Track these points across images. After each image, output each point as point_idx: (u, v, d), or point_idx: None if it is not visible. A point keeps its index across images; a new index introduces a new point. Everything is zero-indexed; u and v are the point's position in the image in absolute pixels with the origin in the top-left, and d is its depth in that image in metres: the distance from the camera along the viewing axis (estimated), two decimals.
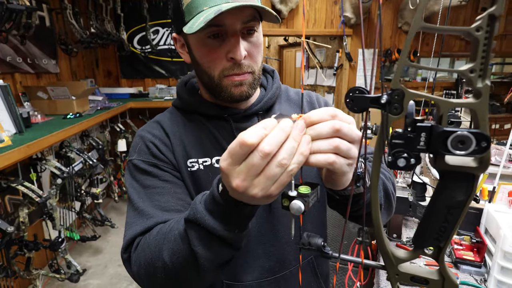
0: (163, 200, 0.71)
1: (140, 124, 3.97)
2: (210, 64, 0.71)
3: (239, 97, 0.73)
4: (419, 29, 0.37)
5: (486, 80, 0.36)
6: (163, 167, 0.75)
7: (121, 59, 3.97)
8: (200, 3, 0.65)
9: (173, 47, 3.88)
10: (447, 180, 0.41)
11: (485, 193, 1.43)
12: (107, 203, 3.95)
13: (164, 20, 3.88)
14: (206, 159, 0.77)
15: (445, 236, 0.43)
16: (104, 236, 3.27)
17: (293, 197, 0.47)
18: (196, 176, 0.76)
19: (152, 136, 0.78)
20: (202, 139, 0.78)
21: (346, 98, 0.43)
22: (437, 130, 0.37)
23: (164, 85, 4.02)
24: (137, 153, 0.77)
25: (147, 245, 0.64)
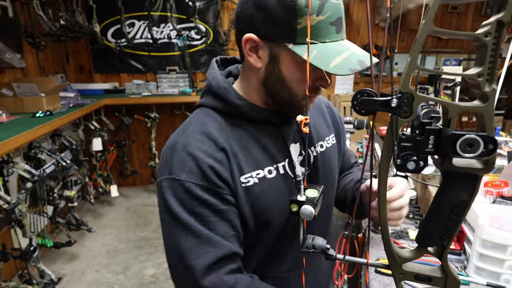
0: (219, 228, 0.71)
1: (117, 121, 3.83)
2: (298, 85, 0.71)
3: (305, 112, 0.73)
4: (430, 32, 0.37)
5: (493, 85, 0.36)
6: (220, 193, 0.72)
7: (94, 53, 3.79)
8: (323, 33, 0.64)
9: (150, 41, 3.75)
10: (452, 180, 0.42)
11: None
12: (82, 205, 3.80)
13: (140, 13, 3.74)
14: (258, 172, 0.76)
15: (448, 234, 0.44)
16: (80, 241, 3.13)
17: (302, 202, 0.47)
18: (251, 191, 0.74)
19: (209, 158, 0.71)
20: (252, 149, 0.76)
21: (354, 101, 0.43)
22: (446, 133, 0.38)
23: (141, 81, 3.89)
24: (187, 173, 0.70)
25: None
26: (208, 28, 3.85)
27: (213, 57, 0.93)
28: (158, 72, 3.92)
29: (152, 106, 3.80)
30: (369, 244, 0.50)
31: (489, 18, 0.37)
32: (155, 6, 3.75)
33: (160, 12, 3.78)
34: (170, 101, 3.70)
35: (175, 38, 3.85)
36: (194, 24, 3.75)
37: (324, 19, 0.63)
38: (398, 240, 1.44)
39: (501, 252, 1.06)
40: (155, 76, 3.95)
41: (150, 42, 3.75)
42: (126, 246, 3.05)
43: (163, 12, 3.76)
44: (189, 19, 3.80)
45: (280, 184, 0.77)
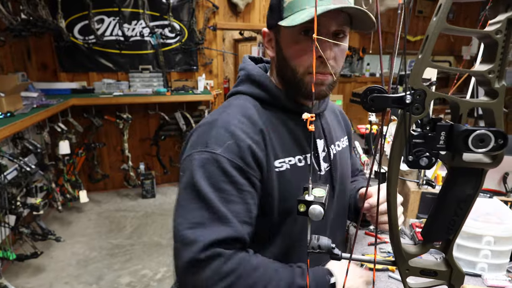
0: (237, 209, 0.70)
1: (85, 123, 3.65)
2: (297, 61, 0.74)
3: (317, 95, 0.77)
4: (442, 30, 0.37)
5: (503, 81, 0.37)
6: (248, 174, 0.73)
7: (59, 50, 3.56)
8: (304, 2, 0.70)
9: (121, 39, 3.59)
10: (458, 175, 0.43)
11: (439, 179, 1.56)
12: (48, 213, 3.58)
13: (110, 9, 3.57)
14: (290, 158, 0.79)
15: (454, 228, 0.45)
16: (46, 252, 2.94)
17: (310, 202, 0.46)
18: (283, 176, 0.78)
19: (249, 139, 0.74)
20: (284, 136, 0.81)
21: (364, 98, 0.42)
22: (458, 129, 0.38)
23: (112, 80, 3.72)
24: (224, 148, 0.71)
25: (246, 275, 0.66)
26: (182, 27, 3.76)
27: (187, 56, 0.97)
28: (130, 71, 3.77)
29: (124, 107, 3.66)
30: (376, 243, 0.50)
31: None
32: (126, 2, 3.60)
33: (131, 9, 3.63)
34: (144, 101, 3.58)
35: (148, 36, 3.72)
36: (168, 22, 3.65)
37: None
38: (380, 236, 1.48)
39: (477, 242, 1.11)
40: (127, 75, 3.79)
41: (121, 40, 3.60)
42: (98, 254, 2.91)
43: (135, 9, 3.62)
44: (163, 17, 3.69)
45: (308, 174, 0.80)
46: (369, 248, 1.37)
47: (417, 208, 1.53)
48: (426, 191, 1.49)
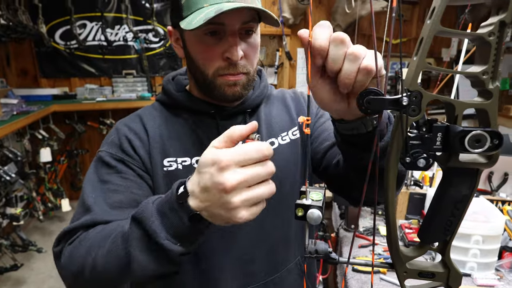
0: (117, 198, 0.68)
1: (67, 129, 3.57)
2: (205, 62, 0.70)
3: (231, 97, 0.73)
4: (437, 33, 0.38)
5: (496, 82, 0.38)
6: (130, 164, 0.72)
7: (39, 56, 3.49)
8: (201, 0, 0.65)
9: (104, 43, 3.55)
10: (453, 176, 0.43)
11: (426, 180, 1.59)
12: (29, 223, 3.46)
13: (93, 13, 3.52)
14: (185, 159, 0.75)
15: (451, 229, 0.45)
16: (27, 264, 2.83)
17: (308, 206, 0.45)
18: (173, 176, 0.73)
19: (128, 130, 0.76)
20: (184, 137, 0.77)
21: (360, 101, 0.42)
22: (454, 130, 0.38)
23: (95, 85, 3.65)
24: (108, 145, 0.75)
25: (86, 239, 0.61)
26: (166, 31, 3.73)
27: (172, 60, 0.94)
28: (114, 76, 3.71)
29: (107, 112, 3.58)
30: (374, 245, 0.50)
31: None
32: (108, 6, 3.55)
33: (114, 14, 3.59)
34: (128, 106, 3.50)
35: (131, 40, 3.68)
36: (152, 27, 3.62)
37: None
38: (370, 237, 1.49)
39: (466, 241, 1.13)
40: (110, 81, 3.73)
41: (104, 45, 3.55)
42: None
43: (118, 14, 3.58)
44: (147, 21, 3.66)
45: None
46: (359, 250, 1.38)
47: (406, 209, 1.56)
48: (414, 192, 1.52)
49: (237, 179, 0.44)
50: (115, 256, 0.55)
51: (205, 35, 0.68)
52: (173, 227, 0.51)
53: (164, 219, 0.51)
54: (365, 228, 1.51)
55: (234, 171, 0.45)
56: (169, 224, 0.51)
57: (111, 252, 0.56)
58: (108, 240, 0.57)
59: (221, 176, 0.44)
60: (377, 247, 1.37)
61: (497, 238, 1.12)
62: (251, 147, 0.46)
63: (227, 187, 0.44)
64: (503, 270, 1.15)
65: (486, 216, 1.18)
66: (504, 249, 1.19)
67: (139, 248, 0.53)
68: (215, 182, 0.45)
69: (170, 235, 0.51)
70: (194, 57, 0.72)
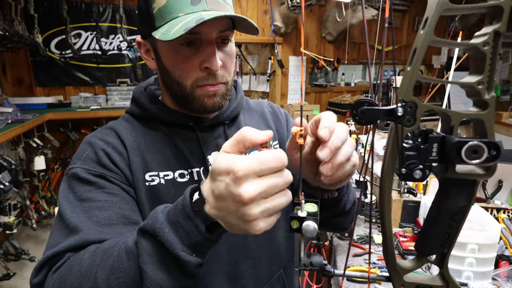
0: (104, 216, 0.61)
1: (62, 137, 3.55)
2: (182, 73, 0.67)
3: (211, 108, 0.70)
4: (430, 43, 0.37)
5: (492, 92, 0.37)
6: (112, 179, 0.66)
7: (35, 65, 3.49)
8: (175, 8, 0.62)
9: (99, 52, 3.57)
10: (450, 187, 0.43)
11: (420, 187, 1.59)
12: (22, 231, 3.41)
13: (87, 23, 3.54)
14: (168, 173, 0.71)
15: (449, 241, 0.45)
16: (19, 273, 2.77)
17: (303, 218, 0.44)
18: (156, 191, 0.69)
19: (104, 143, 0.70)
20: (164, 149, 0.72)
21: (354, 110, 0.42)
22: (451, 141, 0.38)
23: (89, 94, 3.66)
24: (82, 160, 0.67)
25: (78, 263, 0.53)
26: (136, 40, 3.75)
27: None
28: (108, 85, 3.73)
29: (101, 120, 3.58)
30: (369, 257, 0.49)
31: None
32: (103, 16, 3.59)
33: (109, 23, 3.63)
34: (122, 114, 3.49)
35: (125, 49, 3.70)
36: None
37: None
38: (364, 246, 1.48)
39: (461, 250, 1.12)
40: (104, 89, 3.74)
41: (99, 54, 3.57)
42: None
43: (113, 23, 3.62)
44: None
45: None
46: (354, 259, 1.36)
47: (400, 217, 1.55)
48: (408, 199, 1.51)
49: (256, 190, 0.41)
50: (123, 277, 0.49)
51: (180, 46, 0.65)
52: (189, 237, 0.47)
53: (178, 229, 0.47)
54: (359, 236, 1.49)
55: (252, 181, 0.41)
56: (184, 234, 0.47)
57: (117, 273, 0.50)
58: (110, 260, 0.51)
59: (238, 187, 0.41)
60: (371, 255, 1.35)
61: (493, 247, 1.11)
62: (270, 156, 0.42)
63: (244, 199, 0.41)
64: (500, 279, 1.14)
65: (481, 224, 1.17)
66: (501, 258, 1.18)
67: (151, 262, 0.48)
68: (231, 192, 0.42)
69: (186, 246, 0.47)
70: (170, 69, 0.68)
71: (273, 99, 4.54)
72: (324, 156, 0.49)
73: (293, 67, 4.47)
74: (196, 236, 0.47)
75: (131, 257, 0.49)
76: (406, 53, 5.13)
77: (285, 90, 4.52)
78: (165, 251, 0.48)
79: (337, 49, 4.70)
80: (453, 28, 4.39)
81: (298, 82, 4.52)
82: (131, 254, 0.50)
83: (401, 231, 1.46)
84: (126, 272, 0.49)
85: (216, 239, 0.50)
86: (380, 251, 1.39)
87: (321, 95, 4.81)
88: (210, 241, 0.49)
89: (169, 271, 0.49)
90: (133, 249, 0.50)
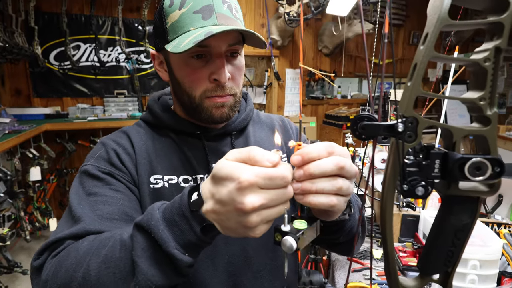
0: (107, 210, 0.64)
1: (58, 148, 3.53)
2: (192, 84, 0.70)
3: (219, 119, 0.73)
4: (431, 58, 0.37)
5: (494, 108, 0.37)
6: (119, 177, 0.70)
7: (33, 76, 3.49)
8: (187, 23, 0.66)
9: (97, 64, 3.58)
10: (453, 204, 0.42)
11: (419, 201, 1.57)
12: (15, 243, 3.34)
13: (86, 36, 3.57)
14: (172, 177, 0.74)
15: (453, 260, 0.43)
16: (11, 286, 2.71)
17: (285, 232, 0.43)
18: (159, 194, 0.71)
19: (116, 144, 0.74)
20: (171, 155, 0.76)
21: (354, 126, 0.41)
22: (453, 157, 0.37)
23: (86, 105, 3.65)
24: (95, 159, 0.72)
25: (75, 250, 0.54)
26: (150, 53, 3.78)
27: (162, 80, 0.92)
28: (106, 96, 3.73)
29: (98, 131, 3.57)
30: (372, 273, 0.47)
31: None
32: (102, 29, 3.62)
33: (108, 35, 3.66)
34: (119, 125, 3.49)
35: (124, 61, 3.72)
36: (144, 48, 3.68)
37: (186, 11, 0.66)
38: (363, 261, 1.45)
39: (463, 266, 1.10)
40: (102, 100, 3.74)
41: (97, 65, 3.59)
42: None
43: (111, 36, 3.66)
44: (139, 43, 3.74)
45: None
46: (353, 274, 1.34)
47: (399, 231, 1.53)
48: (407, 213, 1.50)
49: (259, 201, 0.42)
50: (113, 267, 0.50)
51: (191, 58, 0.68)
52: (183, 236, 0.48)
53: (174, 227, 0.48)
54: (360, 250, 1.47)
55: (255, 193, 0.42)
56: (179, 232, 0.48)
57: (108, 262, 0.51)
58: (104, 249, 0.52)
59: (241, 195, 0.42)
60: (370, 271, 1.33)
61: (495, 263, 1.09)
62: (276, 174, 0.43)
63: (247, 209, 0.42)
64: None
65: (482, 240, 1.16)
66: (503, 275, 1.16)
67: (144, 257, 0.49)
68: (234, 199, 0.42)
69: (179, 245, 0.48)
70: (181, 80, 0.71)
71: (269, 111, 4.56)
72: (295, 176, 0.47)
73: (290, 79, 4.51)
74: (190, 236, 0.48)
75: (123, 249, 0.50)
76: (402, 67, 5.19)
77: (282, 102, 4.54)
78: (158, 248, 0.48)
79: (333, 62, 4.75)
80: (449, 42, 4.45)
81: (294, 94, 4.55)
82: (124, 246, 0.51)
83: (400, 246, 1.44)
84: (116, 262, 0.50)
85: (210, 241, 0.51)
86: (379, 267, 1.37)
87: (318, 108, 4.83)
88: (204, 242, 0.49)
89: (160, 267, 0.49)
90: (127, 241, 0.51)
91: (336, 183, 0.45)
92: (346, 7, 2.88)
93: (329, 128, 4.50)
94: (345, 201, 0.48)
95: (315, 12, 3.21)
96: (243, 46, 0.74)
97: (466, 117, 4.94)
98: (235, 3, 0.72)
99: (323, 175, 0.44)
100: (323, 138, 4.60)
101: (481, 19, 0.36)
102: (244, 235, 0.45)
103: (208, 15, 0.66)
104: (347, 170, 0.45)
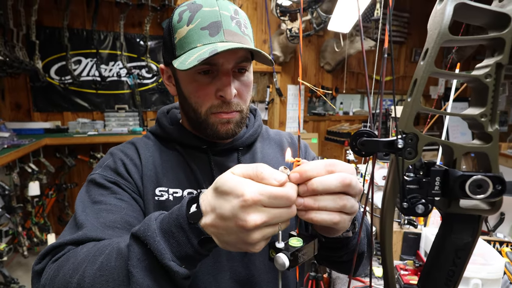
0: (110, 218, 0.64)
1: (58, 162, 3.51)
2: (198, 100, 0.70)
3: (224, 134, 0.72)
4: (431, 74, 0.37)
5: (496, 125, 0.36)
6: (124, 186, 0.71)
7: (34, 91, 3.50)
8: (194, 39, 0.66)
9: (98, 79, 3.60)
10: (454, 223, 0.41)
11: (420, 218, 1.55)
12: (12, 258, 3.29)
13: (87, 50, 3.60)
14: (177, 190, 0.73)
15: (454, 280, 0.42)
16: None
17: (279, 249, 0.42)
18: (163, 207, 0.71)
19: (123, 155, 0.76)
20: (177, 168, 0.76)
21: (354, 142, 0.41)
22: (454, 175, 0.36)
23: (87, 119, 3.65)
24: (102, 168, 0.73)
25: (75, 256, 0.55)
26: (159, 67, 3.81)
27: (164, 95, 0.95)
28: (106, 111, 3.73)
29: (98, 146, 3.56)
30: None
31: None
32: (104, 44, 3.65)
33: (109, 50, 3.69)
34: (119, 140, 3.48)
35: (125, 76, 3.74)
36: (146, 63, 3.71)
37: (194, 27, 0.66)
38: (364, 279, 1.42)
39: (464, 285, 1.08)
40: (102, 115, 3.74)
41: (98, 80, 3.60)
42: None
43: (113, 50, 3.68)
44: (140, 58, 3.76)
45: None
46: None
47: (400, 249, 1.50)
48: (408, 231, 1.47)
49: (262, 219, 0.42)
50: (107, 275, 0.50)
51: (198, 74, 0.68)
52: (180, 248, 0.47)
53: (170, 238, 0.47)
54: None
55: (259, 211, 0.42)
56: (176, 244, 0.47)
57: (103, 270, 0.50)
58: (101, 257, 0.52)
59: (244, 213, 0.41)
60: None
61: (497, 282, 1.06)
62: (281, 195, 0.42)
63: (249, 226, 0.41)
64: None
65: (484, 258, 1.14)
66: None
67: (140, 267, 0.48)
68: (236, 216, 0.42)
69: (175, 257, 0.47)
70: (188, 96, 0.72)
71: (271, 126, 4.57)
72: None
73: (292, 95, 4.53)
74: (187, 249, 0.47)
75: (119, 258, 0.50)
76: (404, 83, 5.22)
77: (284, 118, 4.55)
78: (154, 259, 0.48)
79: (335, 79, 4.78)
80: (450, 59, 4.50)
81: (296, 110, 4.56)
82: (120, 255, 0.50)
83: (401, 263, 1.41)
84: (111, 271, 0.50)
85: (207, 254, 0.50)
86: (380, 285, 1.34)
87: (320, 124, 4.84)
88: (201, 254, 0.49)
89: (156, 278, 0.49)
90: (124, 250, 0.50)
91: (339, 201, 0.44)
92: (348, 24, 2.91)
93: (331, 145, 4.50)
94: (350, 219, 0.47)
95: (317, 28, 3.25)
96: (251, 63, 0.74)
97: (467, 135, 4.94)
98: (245, 18, 0.72)
99: (326, 191, 0.44)
100: (325, 154, 4.59)
101: (482, 35, 0.36)
102: (243, 250, 0.45)
103: (215, 31, 0.66)
104: (352, 187, 0.44)
